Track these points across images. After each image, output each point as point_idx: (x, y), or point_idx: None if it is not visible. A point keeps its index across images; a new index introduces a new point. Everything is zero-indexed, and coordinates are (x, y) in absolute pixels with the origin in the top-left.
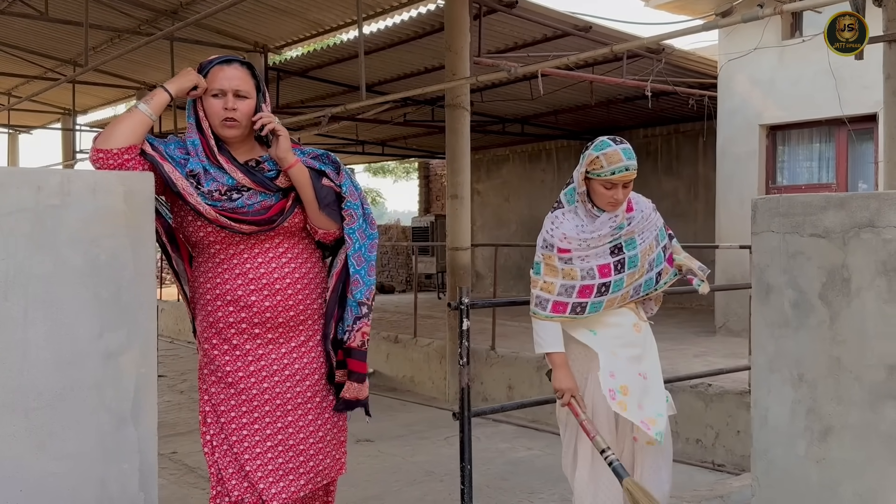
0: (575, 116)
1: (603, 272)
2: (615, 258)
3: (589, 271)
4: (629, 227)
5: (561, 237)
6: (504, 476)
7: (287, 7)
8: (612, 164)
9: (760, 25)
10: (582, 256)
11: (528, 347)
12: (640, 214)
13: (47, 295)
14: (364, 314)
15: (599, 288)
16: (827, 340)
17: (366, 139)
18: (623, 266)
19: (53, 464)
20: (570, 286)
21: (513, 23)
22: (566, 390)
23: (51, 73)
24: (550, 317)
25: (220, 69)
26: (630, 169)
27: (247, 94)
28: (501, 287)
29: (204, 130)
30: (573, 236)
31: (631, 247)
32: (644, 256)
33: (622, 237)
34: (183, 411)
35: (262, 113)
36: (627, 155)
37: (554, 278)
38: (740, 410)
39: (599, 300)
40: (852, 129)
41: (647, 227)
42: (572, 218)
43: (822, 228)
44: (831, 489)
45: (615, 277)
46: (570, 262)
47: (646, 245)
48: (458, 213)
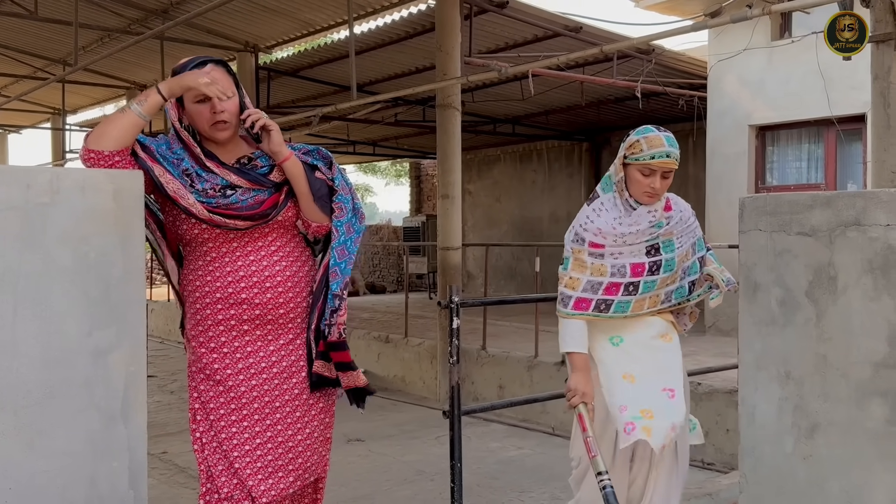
0: (566, 117)
1: (635, 271)
2: (651, 259)
3: (620, 268)
4: (668, 226)
5: (595, 231)
6: (495, 475)
7: (278, 7)
8: (652, 149)
9: (750, 26)
10: (615, 253)
11: (519, 347)
12: (680, 216)
13: (36, 293)
14: (338, 306)
15: (627, 287)
16: (813, 338)
17: (357, 139)
18: (658, 268)
19: (43, 462)
20: (598, 283)
21: (503, 23)
22: (577, 391)
23: (40, 72)
24: (572, 314)
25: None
26: (671, 156)
27: (230, 94)
28: (493, 287)
29: (185, 140)
30: (609, 231)
31: (669, 249)
32: (680, 262)
33: (660, 237)
34: (173, 411)
35: (250, 110)
36: (670, 142)
37: (581, 274)
38: (729, 409)
39: (626, 300)
40: (841, 129)
41: (685, 231)
42: (610, 209)
43: (808, 227)
44: (818, 485)
45: (647, 278)
46: (601, 258)
47: (683, 251)
48: (449, 213)
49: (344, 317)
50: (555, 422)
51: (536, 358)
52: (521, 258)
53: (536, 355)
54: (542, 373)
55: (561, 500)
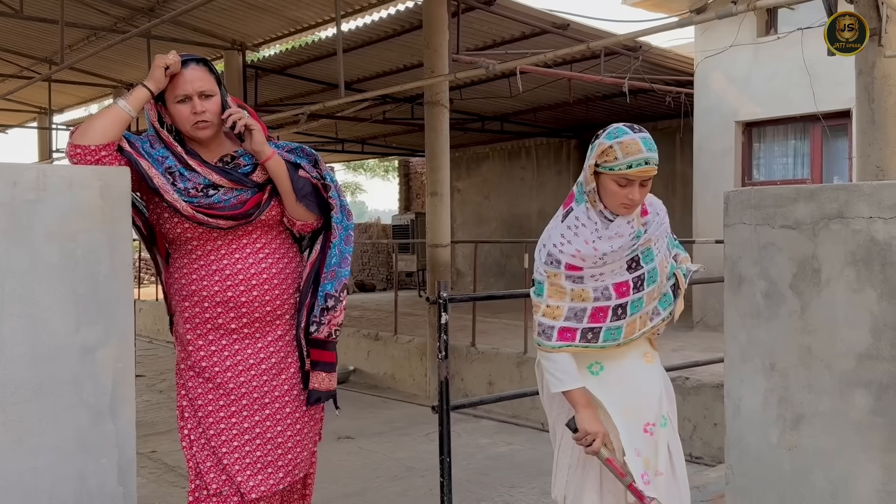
0: (554, 114)
1: (620, 291)
2: (633, 274)
3: (604, 291)
4: (646, 234)
5: (573, 253)
6: (484, 471)
7: (265, 4)
8: (628, 156)
9: (736, 23)
10: (595, 275)
11: (508, 344)
12: (656, 218)
13: (24, 290)
14: (331, 306)
15: (615, 310)
16: (798, 330)
17: (346, 137)
18: (643, 283)
19: (31, 459)
20: (581, 309)
21: (491, 20)
22: (592, 433)
23: (26, 71)
24: (558, 346)
25: (179, 74)
26: (651, 162)
27: (211, 93)
28: (482, 284)
29: (164, 139)
30: (588, 253)
31: (648, 259)
32: (661, 270)
33: (639, 248)
34: (162, 410)
35: (231, 110)
36: (647, 145)
37: (560, 301)
38: (717, 403)
39: (616, 325)
40: (827, 125)
41: (661, 233)
42: (586, 223)
43: (792, 220)
44: (803, 476)
45: (633, 297)
46: (581, 282)
47: (661, 255)
48: (438, 210)
49: (339, 318)
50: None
51: (526, 354)
52: (510, 255)
53: (526, 351)
54: (531, 369)
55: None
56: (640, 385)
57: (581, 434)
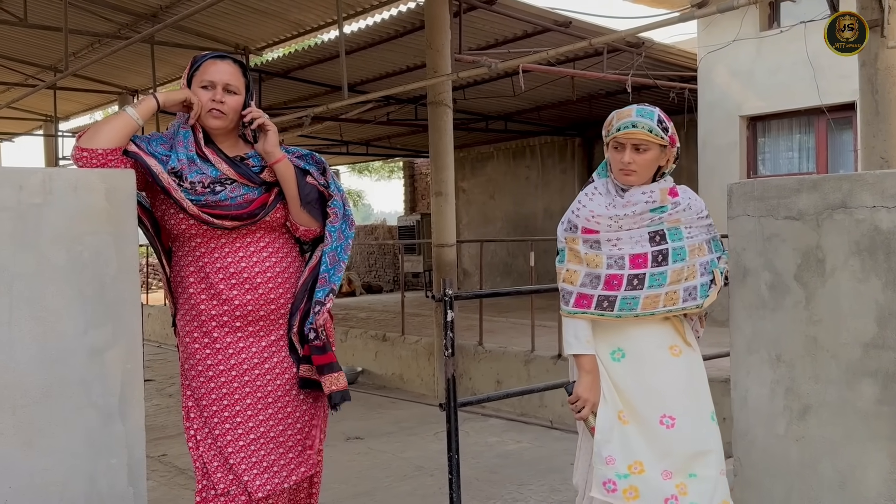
0: (558, 112)
1: (636, 262)
2: (655, 247)
3: (618, 259)
4: (673, 212)
5: (588, 216)
6: (493, 469)
7: (267, 8)
8: (619, 121)
9: (738, 17)
10: (612, 240)
11: (515, 342)
12: (688, 203)
13: (31, 293)
14: (317, 311)
15: (630, 280)
16: (803, 321)
17: (350, 139)
18: (665, 258)
19: (42, 460)
20: (595, 275)
21: (493, 19)
22: (584, 400)
23: (32, 79)
24: (574, 312)
25: (212, 63)
26: (638, 126)
27: (236, 90)
28: (488, 283)
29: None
30: (602, 213)
31: (676, 237)
32: (692, 254)
33: (664, 222)
34: (171, 414)
35: (252, 108)
36: (640, 112)
37: (578, 265)
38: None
39: (633, 294)
40: (831, 118)
41: (694, 222)
42: (603, 193)
43: (796, 211)
44: (811, 466)
45: (653, 270)
46: (597, 247)
47: (694, 243)
48: (444, 210)
49: (319, 320)
50: (552, 415)
51: (533, 352)
52: (516, 254)
53: (533, 350)
54: (539, 367)
55: (560, 492)
56: (662, 375)
57: (574, 398)
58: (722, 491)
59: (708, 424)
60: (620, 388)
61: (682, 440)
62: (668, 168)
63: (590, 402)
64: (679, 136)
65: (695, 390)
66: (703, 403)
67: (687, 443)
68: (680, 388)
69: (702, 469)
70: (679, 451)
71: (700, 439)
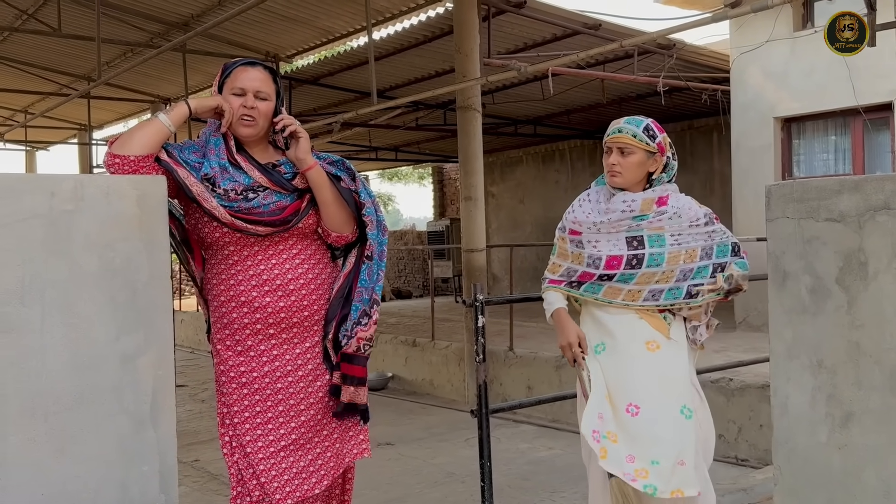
0: (587, 116)
1: (610, 264)
2: (632, 251)
3: (596, 261)
4: (654, 220)
5: (574, 219)
6: (525, 476)
7: (297, 16)
8: (610, 127)
9: (771, 17)
10: (592, 241)
11: (546, 347)
12: (675, 212)
13: (63, 300)
14: (363, 322)
15: (601, 277)
16: (845, 325)
17: (379, 145)
18: (640, 262)
19: (74, 467)
20: (574, 270)
21: (522, 23)
22: (565, 346)
23: (66, 89)
24: (548, 287)
25: (243, 70)
26: (623, 131)
27: (267, 97)
28: (518, 288)
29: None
30: (583, 219)
31: (656, 243)
32: (672, 261)
33: (644, 229)
34: (204, 419)
35: (284, 115)
36: (628, 120)
37: (563, 261)
38: (762, 404)
39: (598, 284)
40: (868, 118)
41: (685, 230)
42: (593, 198)
43: (837, 213)
44: (854, 475)
45: (624, 271)
46: (581, 246)
47: (681, 250)
48: (473, 215)
49: (368, 332)
50: None
51: (564, 358)
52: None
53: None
54: (570, 372)
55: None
56: (631, 369)
57: (560, 347)
58: (678, 480)
59: (674, 416)
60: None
61: (644, 427)
62: (657, 175)
63: (568, 345)
64: (712, 139)
65: (666, 383)
66: (673, 396)
67: (648, 430)
68: (650, 380)
69: (663, 457)
70: (641, 437)
71: (662, 429)
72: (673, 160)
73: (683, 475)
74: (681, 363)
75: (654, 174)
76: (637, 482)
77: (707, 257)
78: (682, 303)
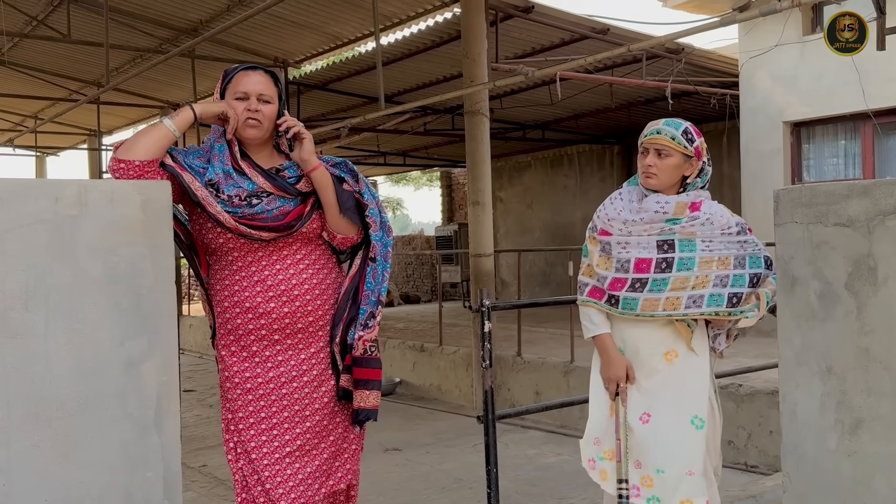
0: (596, 120)
1: (640, 267)
2: (661, 255)
3: (624, 264)
4: (686, 225)
5: (606, 218)
6: (533, 482)
7: (305, 21)
8: (648, 128)
9: (780, 21)
10: (622, 243)
11: (554, 353)
12: (707, 218)
13: (68, 305)
14: (369, 325)
15: (633, 283)
16: (855, 331)
17: (387, 150)
18: (670, 266)
19: (78, 473)
20: (603, 276)
21: (529, 28)
22: (608, 380)
23: (75, 94)
24: (587, 301)
25: (244, 74)
26: (662, 133)
27: (270, 99)
28: (527, 293)
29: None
30: (615, 217)
31: (687, 248)
32: (704, 265)
33: (676, 233)
34: (212, 425)
35: (286, 117)
36: (667, 122)
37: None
38: (772, 410)
39: (632, 296)
40: (878, 122)
41: (716, 237)
42: (625, 197)
43: (845, 217)
44: (864, 483)
45: (655, 276)
46: (608, 250)
47: (713, 256)
48: (481, 220)
49: (372, 334)
50: None
51: (572, 363)
52: (554, 264)
53: (573, 360)
54: (578, 378)
55: None
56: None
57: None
58: (686, 490)
59: (685, 427)
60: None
61: (653, 436)
62: (692, 179)
63: (613, 379)
64: (720, 143)
65: (680, 394)
66: (686, 407)
67: (658, 439)
68: (665, 390)
69: (669, 467)
70: (648, 444)
71: (672, 439)
72: (708, 166)
73: (692, 485)
74: (696, 374)
75: (688, 178)
76: (640, 497)
77: (741, 266)
78: (725, 311)
